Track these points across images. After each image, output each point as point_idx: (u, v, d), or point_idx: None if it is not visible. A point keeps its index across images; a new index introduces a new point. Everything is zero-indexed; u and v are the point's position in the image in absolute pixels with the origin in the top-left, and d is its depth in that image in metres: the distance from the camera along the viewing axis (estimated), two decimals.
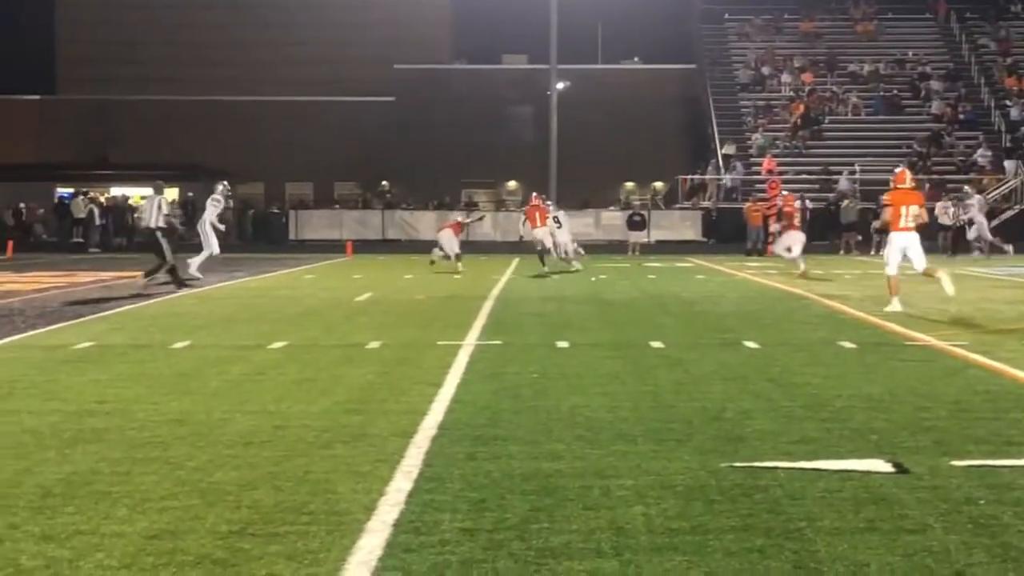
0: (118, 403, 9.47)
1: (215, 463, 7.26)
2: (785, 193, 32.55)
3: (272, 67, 71.53)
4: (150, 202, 23.90)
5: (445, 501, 6.32)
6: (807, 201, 42.52)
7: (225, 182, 26.11)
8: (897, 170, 19.43)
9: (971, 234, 38.99)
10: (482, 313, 17.73)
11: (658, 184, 62.93)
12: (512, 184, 66.63)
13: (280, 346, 13.46)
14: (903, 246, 17.85)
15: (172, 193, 56.06)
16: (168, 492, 6.52)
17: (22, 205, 56.68)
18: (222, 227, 26.42)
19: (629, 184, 66.32)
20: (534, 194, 32.45)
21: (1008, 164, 50.85)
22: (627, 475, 6.95)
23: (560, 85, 57.26)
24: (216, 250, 25.87)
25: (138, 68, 71.39)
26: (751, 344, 13.53)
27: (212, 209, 26.07)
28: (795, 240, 27.66)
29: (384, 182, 65.43)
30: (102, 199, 53.47)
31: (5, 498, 6.36)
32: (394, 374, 11.19)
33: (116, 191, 60.38)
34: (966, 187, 42.38)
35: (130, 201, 57.99)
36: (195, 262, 25.27)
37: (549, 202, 35.03)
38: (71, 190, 56.50)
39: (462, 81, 67.63)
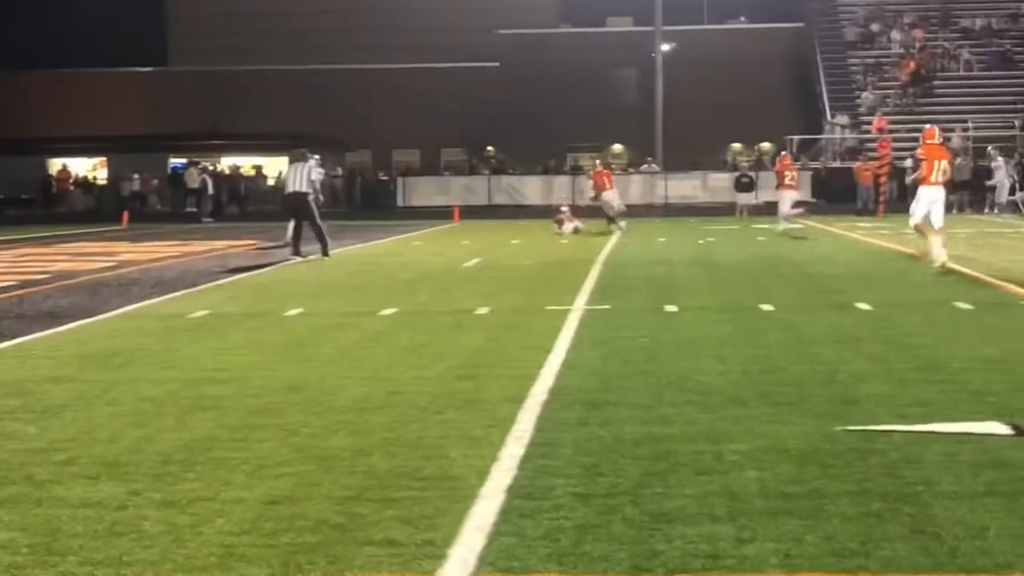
0: (234, 371, 9.60)
1: (330, 429, 7.34)
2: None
3: (378, 35, 71.80)
4: (296, 169, 23.32)
5: (558, 466, 6.32)
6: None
7: (316, 156, 25.67)
8: (926, 127, 19.69)
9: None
10: (590, 277, 17.70)
11: (765, 145, 62.27)
12: (617, 147, 66.37)
13: (391, 312, 13.55)
14: (932, 200, 18.10)
15: (282, 163, 56.68)
16: (285, 458, 6.60)
17: (136, 176, 57.63)
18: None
19: (736, 145, 65.71)
20: (597, 161, 34.58)
21: None
22: (739, 439, 6.89)
23: (665, 47, 56.84)
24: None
25: (248, 39, 72.06)
26: (863, 306, 13.36)
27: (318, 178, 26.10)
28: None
29: (490, 148, 65.52)
30: (214, 169, 54.21)
31: (127, 465, 6.48)
32: (504, 339, 11.22)
33: (227, 161, 61.18)
34: (990, 149, 42.17)
35: (241, 171, 58.70)
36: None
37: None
38: (184, 161, 57.32)
39: (567, 45, 67.41)
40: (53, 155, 64.73)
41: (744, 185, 43.61)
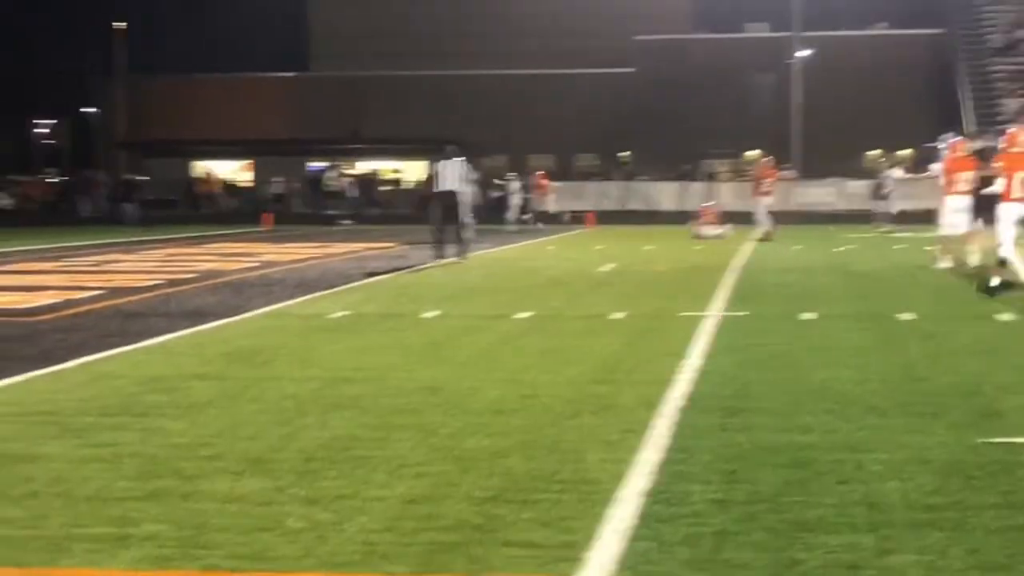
0: (373, 371, 9.69)
1: (467, 431, 7.36)
2: None
3: (513, 41, 72.10)
4: (448, 166, 23.35)
5: (695, 472, 6.27)
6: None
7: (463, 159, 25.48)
8: (1011, 129, 17.12)
9: None
10: (725, 284, 17.55)
11: (904, 152, 61.19)
12: (752, 153, 65.74)
13: (526, 316, 13.56)
14: (1017, 217, 16.04)
15: (420, 167, 57.18)
16: (423, 458, 6.63)
17: (279, 178, 58.61)
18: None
19: (873, 152, 64.67)
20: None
21: None
22: (880, 449, 6.76)
23: (803, 52, 56.15)
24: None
25: (387, 44, 72.87)
26: (1008, 316, 13.04)
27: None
28: None
29: (624, 153, 65.35)
30: (351, 172, 54.88)
31: (271, 462, 6.57)
32: (639, 345, 11.16)
33: (366, 165, 61.90)
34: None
35: (379, 175, 59.32)
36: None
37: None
38: (324, 164, 58.12)
39: (703, 51, 67.00)
40: (199, 158, 66.13)
41: (881, 193, 42.80)
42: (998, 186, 16.25)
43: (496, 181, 45.27)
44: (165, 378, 9.33)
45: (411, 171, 58.97)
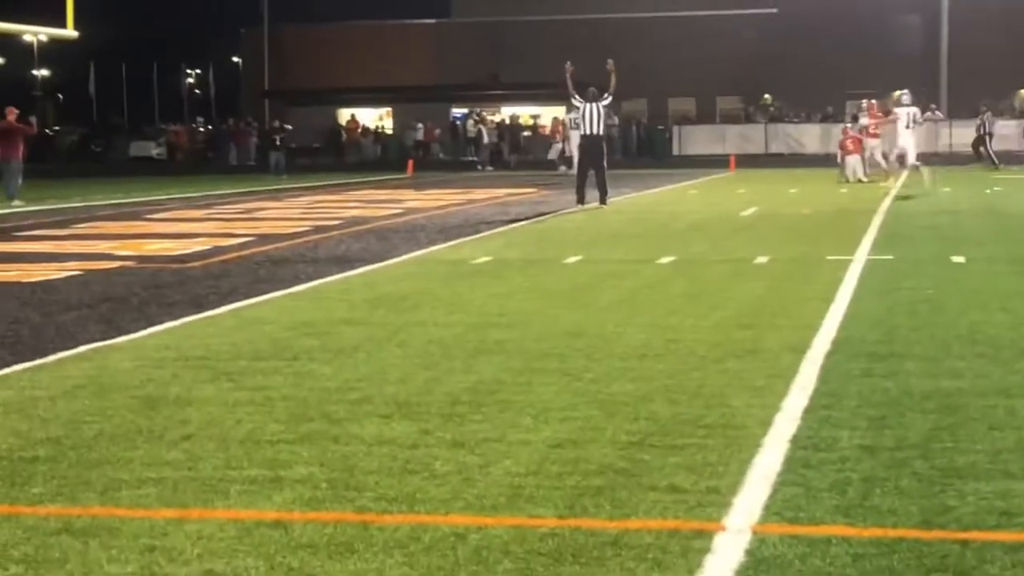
0: (517, 315, 9.72)
1: (611, 375, 7.35)
2: None
3: None
4: (591, 109, 22.97)
5: (843, 418, 6.18)
6: None
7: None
8: None
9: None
10: (872, 227, 17.25)
11: None
12: (897, 94, 64.25)
13: (668, 261, 13.49)
14: None
15: (558, 111, 57.01)
16: (568, 403, 6.65)
17: (420, 125, 58.92)
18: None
19: None
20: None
21: None
22: None
23: None
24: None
25: None
26: None
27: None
28: None
29: (767, 95, 64.37)
30: (491, 119, 54.91)
31: (418, 406, 6.64)
32: (783, 289, 11.04)
33: (507, 111, 61.90)
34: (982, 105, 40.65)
35: (520, 120, 59.31)
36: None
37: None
38: (464, 111, 58.27)
39: None
40: (342, 105, 66.69)
41: None
42: None
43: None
44: (314, 323, 9.47)
45: (550, 116, 58.76)
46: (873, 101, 33.96)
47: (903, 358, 7.68)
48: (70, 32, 27.15)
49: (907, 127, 28.28)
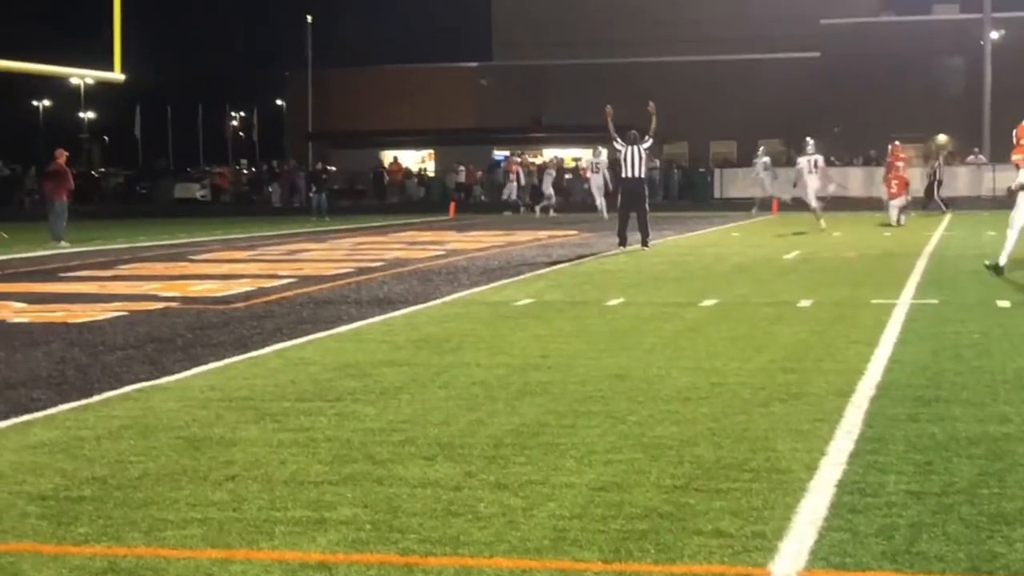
0: (559, 358, 9.72)
1: (655, 418, 7.33)
2: None
3: (697, 26, 71.42)
4: (631, 151, 22.85)
5: (889, 462, 6.14)
6: None
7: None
8: None
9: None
10: (916, 271, 17.17)
11: None
12: (942, 138, 64.05)
13: (712, 303, 13.46)
14: None
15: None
16: (612, 445, 6.63)
17: (462, 168, 59.13)
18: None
19: None
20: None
21: None
22: None
23: (994, 34, 54.53)
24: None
25: (569, 33, 72.84)
26: None
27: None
28: None
29: (808, 139, 64.31)
30: (532, 161, 54.99)
31: (461, 447, 6.63)
32: (828, 332, 10.98)
33: (549, 153, 62.03)
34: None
35: (563, 163, 59.39)
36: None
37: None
38: (506, 153, 58.47)
39: (890, 33, 65.43)
40: (385, 147, 67.05)
41: None
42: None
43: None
44: (357, 364, 9.50)
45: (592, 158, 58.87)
46: (897, 143, 34.16)
47: (949, 403, 7.63)
48: (117, 76, 27.41)
49: (809, 172, 31.17)
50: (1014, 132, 16.46)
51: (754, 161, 41.36)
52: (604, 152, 39.31)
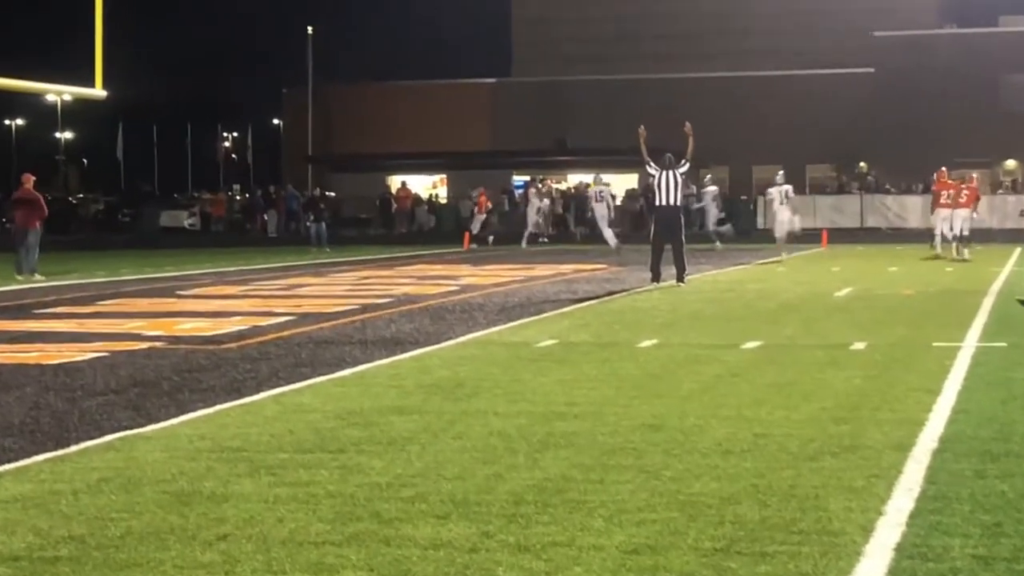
0: (587, 405, 9.72)
1: (693, 473, 7.32)
2: None
3: (737, 39, 71.66)
4: (666, 178, 22.73)
5: (953, 524, 6.12)
6: None
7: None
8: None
9: None
10: (982, 310, 17.14)
11: None
12: (1011, 163, 64.02)
13: (754, 346, 13.45)
14: None
15: (630, 181, 57.23)
16: (645, 503, 6.62)
17: (475, 193, 59.24)
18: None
19: None
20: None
21: None
22: None
23: None
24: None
25: (594, 47, 73.14)
26: None
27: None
28: None
29: (862, 163, 64.32)
30: (556, 186, 55.11)
31: (478, 505, 6.63)
32: (884, 379, 10.97)
33: (573, 178, 62.14)
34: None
35: (589, 189, 59.49)
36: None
37: None
38: (526, 178, 58.56)
39: (951, 47, 65.52)
40: (392, 172, 67.17)
41: None
42: None
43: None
44: (362, 412, 9.51)
45: (622, 184, 58.98)
46: (943, 168, 34.20)
47: (1020, 457, 7.61)
48: (98, 92, 27.60)
49: (780, 203, 33.50)
50: None
51: (769, 191, 36.32)
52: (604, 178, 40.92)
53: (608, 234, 38.20)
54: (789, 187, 33.86)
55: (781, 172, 35.14)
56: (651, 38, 72.93)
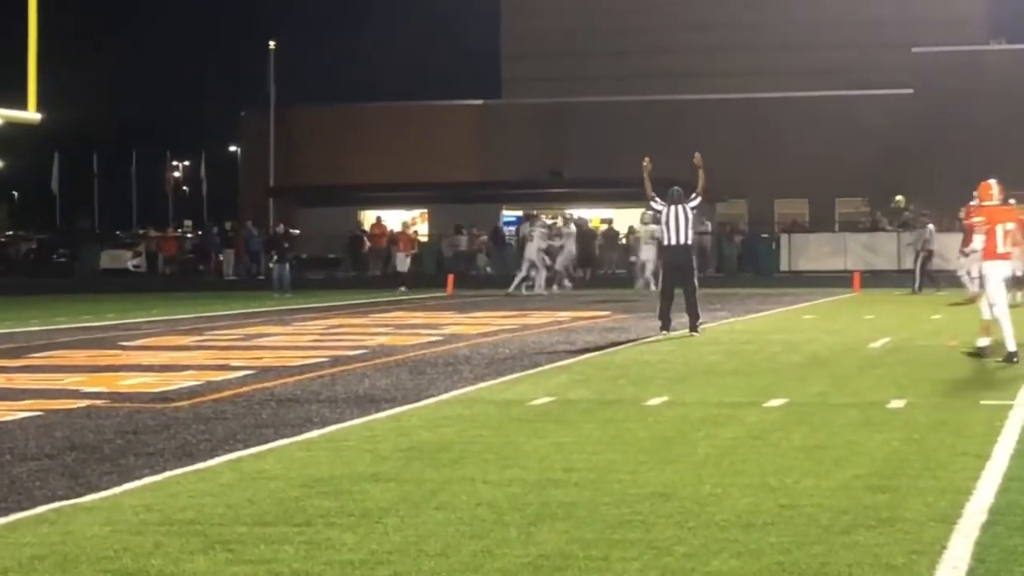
0: (588, 472, 9.72)
1: (710, 549, 7.33)
2: None
3: (755, 54, 71.97)
4: (675, 214, 22.83)
5: None
6: None
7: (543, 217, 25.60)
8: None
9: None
10: None
11: None
12: None
13: (779, 404, 13.48)
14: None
15: (633, 215, 57.31)
16: None
17: (464, 231, 59.32)
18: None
19: None
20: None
21: None
22: None
23: None
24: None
25: (592, 64, 73.39)
26: None
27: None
28: None
29: (899, 196, 64.50)
30: (552, 223, 55.16)
31: None
32: (926, 441, 10.99)
33: (571, 212, 62.19)
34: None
35: (590, 224, 59.62)
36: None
37: None
38: (519, 213, 58.62)
39: (1001, 65, 65.92)
40: (366, 205, 67.13)
41: None
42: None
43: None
44: (331, 479, 9.51)
45: (624, 220, 59.14)
46: (973, 203, 34.08)
47: None
48: (32, 115, 27.60)
49: (646, 243, 36.11)
50: None
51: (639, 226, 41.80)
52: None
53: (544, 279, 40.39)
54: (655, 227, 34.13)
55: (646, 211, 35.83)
56: (652, 54, 73.21)
